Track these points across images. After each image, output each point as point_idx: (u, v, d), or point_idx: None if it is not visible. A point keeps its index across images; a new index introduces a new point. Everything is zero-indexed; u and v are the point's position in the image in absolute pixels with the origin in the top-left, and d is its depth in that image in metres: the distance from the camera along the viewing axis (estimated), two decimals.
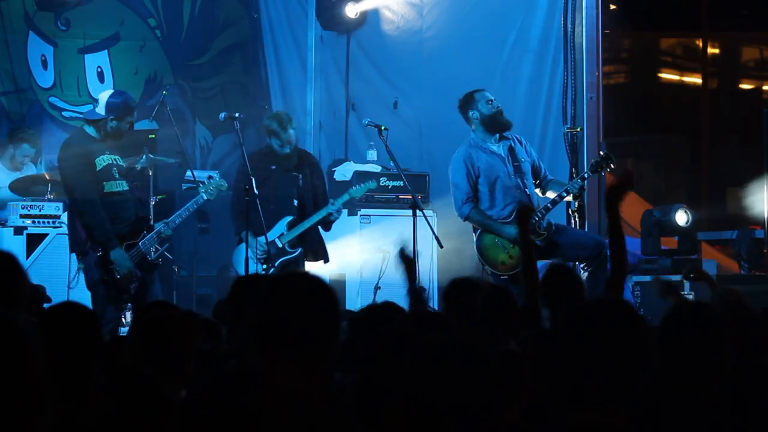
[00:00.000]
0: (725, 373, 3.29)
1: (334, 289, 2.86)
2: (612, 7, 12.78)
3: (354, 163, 10.38)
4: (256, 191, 7.96)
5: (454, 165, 8.28)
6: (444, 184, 8.52)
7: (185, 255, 10.16)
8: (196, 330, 3.85)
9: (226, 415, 2.72)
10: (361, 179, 9.06)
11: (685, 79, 14.18)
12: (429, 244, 8.55)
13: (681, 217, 8.97)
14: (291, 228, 8.40)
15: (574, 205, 8.62)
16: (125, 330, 7.54)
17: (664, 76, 14.38)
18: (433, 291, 9.26)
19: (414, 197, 8.23)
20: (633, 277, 9.04)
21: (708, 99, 13.58)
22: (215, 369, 4.19)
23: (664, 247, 9.21)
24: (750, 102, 13.75)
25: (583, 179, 8.23)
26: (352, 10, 11.29)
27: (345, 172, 10.00)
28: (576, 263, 8.16)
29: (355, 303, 9.09)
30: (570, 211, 9.40)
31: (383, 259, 9.21)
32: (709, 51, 13.80)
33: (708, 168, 13.23)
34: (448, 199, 8.38)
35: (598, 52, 10.04)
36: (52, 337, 3.42)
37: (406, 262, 5.32)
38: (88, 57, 11.25)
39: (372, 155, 10.39)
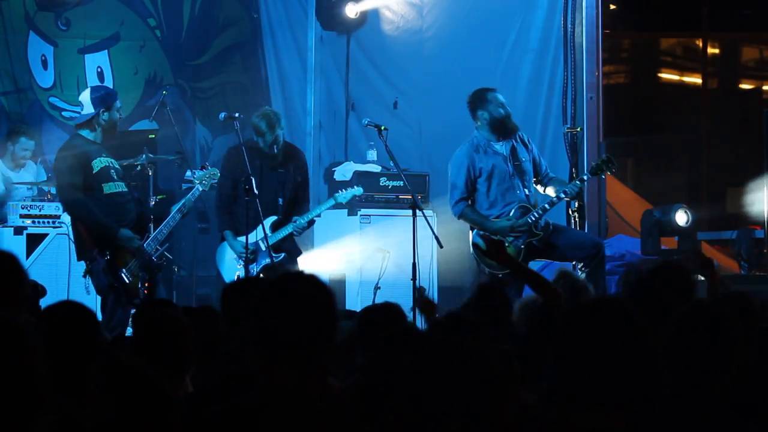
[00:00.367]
0: (732, 375, 3.29)
1: (331, 289, 2.86)
2: (612, 7, 12.78)
3: (354, 163, 10.37)
4: (256, 191, 7.90)
5: (454, 163, 8.26)
6: (444, 184, 8.51)
7: (185, 255, 10.16)
8: (191, 330, 3.85)
9: (226, 415, 2.72)
10: (360, 180, 9.04)
11: (685, 79, 14.16)
12: (429, 244, 8.54)
13: (681, 217, 8.96)
14: (275, 230, 8.34)
15: (574, 205, 8.60)
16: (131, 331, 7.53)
17: (664, 76, 14.36)
18: (434, 291, 9.26)
19: (414, 197, 8.21)
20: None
21: (708, 99, 13.57)
22: (215, 369, 4.19)
23: (664, 247, 9.20)
24: (750, 102, 13.74)
25: (582, 181, 8.23)
26: (352, 10, 11.29)
27: (345, 172, 9.99)
28: (574, 264, 8.17)
29: (355, 303, 9.09)
30: (570, 211, 9.39)
31: (383, 259, 9.22)
32: (709, 51, 13.79)
33: (708, 168, 13.22)
34: (447, 199, 8.38)
35: (598, 52, 10.05)
36: (51, 337, 3.42)
37: (424, 307, 5.07)
38: (88, 57, 11.24)
39: (372, 155, 10.39)
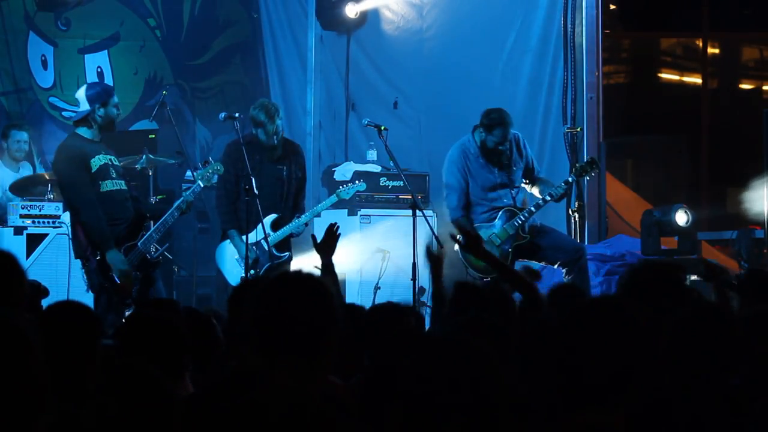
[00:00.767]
0: (733, 375, 3.29)
1: (330, 289, 2.86)
2: (612, 7, 12.78)
3: (354, 163, 10.37)
4: (256, 191, 7.87)
5: (447, 166, 8.28)
6: None
7: (185, 255, 10.16)
8: (180, 330, 3.84)
9: (227, 415, 2.72)
10: (360, 179, 9.02)
11: (685, 79, 14.16)
12: None
13: (681, 217, 8.96)
14: (276, 229, 8.23)
15: (574, 205, 8.61)
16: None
17: (664, 76, 14.36)
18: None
19: (414, 197, 8.20)
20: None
21: (708, 99, 13.56)
22: (215, 369, 4.19)
23: (664, 247, 9.20)
24: (750, 102, 13.74)
25: (567, 183, 8.23)
26: (352, 10, 11.29)
27: (345, 172, 9.99)
28: (558, 266, 8.21)
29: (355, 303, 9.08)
30: (570, 211, 9.41)
31: (383, 259, 9.22)
32: (709, 51, 13.78)
33: (708, 168, 13.22)
34: (443, 198, 8.39)
35: (598, 52, 10.06)
36: (51, 337, 3.42)
37: (432, 260, 5.06)
38: (88, 57, 11.24)
39: (372, 155, 10.39)
